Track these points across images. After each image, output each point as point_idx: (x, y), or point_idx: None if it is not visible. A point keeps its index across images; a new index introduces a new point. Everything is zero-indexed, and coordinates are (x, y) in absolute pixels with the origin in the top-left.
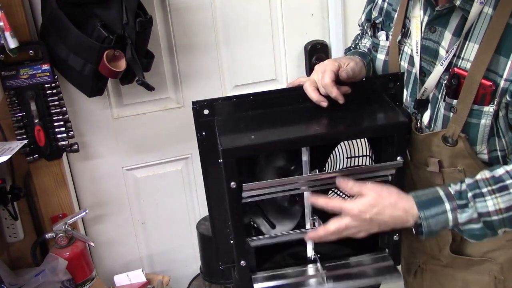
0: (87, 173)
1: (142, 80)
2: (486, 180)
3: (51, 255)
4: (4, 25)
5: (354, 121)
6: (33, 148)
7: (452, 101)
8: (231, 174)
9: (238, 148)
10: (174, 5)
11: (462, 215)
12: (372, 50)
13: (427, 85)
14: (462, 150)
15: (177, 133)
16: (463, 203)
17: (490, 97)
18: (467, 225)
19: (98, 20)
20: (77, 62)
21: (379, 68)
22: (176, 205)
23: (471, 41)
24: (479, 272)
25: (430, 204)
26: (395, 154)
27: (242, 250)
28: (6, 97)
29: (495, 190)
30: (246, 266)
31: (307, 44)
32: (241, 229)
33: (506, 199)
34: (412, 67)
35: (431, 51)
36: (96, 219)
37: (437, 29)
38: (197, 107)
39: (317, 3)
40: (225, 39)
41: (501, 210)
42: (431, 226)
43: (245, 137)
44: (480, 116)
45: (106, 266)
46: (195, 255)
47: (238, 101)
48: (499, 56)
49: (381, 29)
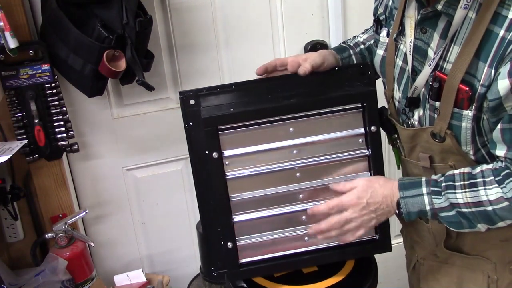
0: (87, 173)
1: (142, 80)
2: (462, 175)
3: (51, 255)
4: (4, 25)
5: (326, 92)
6: (33, 148)
7: (435, 103)
8: (212, 144)
9: (219, 117)
10: (174, 5)
11: (436, 201)
12: (373, 45)
13: (417, 84)
14: (451, 147)
15: (177, 133)
16: (437, 190)
17: (468, 102)
18: (442, 212)
19: (98, 20)
20: (77, 62)
21: (377, 63)
22: (176, 205)
23: (456, 45)
24: (473, 270)
25: (410, 187)
26: (369, 125)
27: (228, 229)
28: (6, 97)
29: (466, 185)
30: (233, 248)
31: (307, 44)
32: (226, 204)
33: (474, 195)
34: (406, 65)
35: (422, 51)
36: (96, 219)
37: (428, 30)
38: (183, 97)
39: (317, 3)
40: (225, 39)
41: (470, 204)
42: (408, 206)
43: (225, 110)
44: (461, 119)
45: (106, 266)
46: (195, 255)
47: (221, 90)
48: (478, 61)
49: (384, 26)
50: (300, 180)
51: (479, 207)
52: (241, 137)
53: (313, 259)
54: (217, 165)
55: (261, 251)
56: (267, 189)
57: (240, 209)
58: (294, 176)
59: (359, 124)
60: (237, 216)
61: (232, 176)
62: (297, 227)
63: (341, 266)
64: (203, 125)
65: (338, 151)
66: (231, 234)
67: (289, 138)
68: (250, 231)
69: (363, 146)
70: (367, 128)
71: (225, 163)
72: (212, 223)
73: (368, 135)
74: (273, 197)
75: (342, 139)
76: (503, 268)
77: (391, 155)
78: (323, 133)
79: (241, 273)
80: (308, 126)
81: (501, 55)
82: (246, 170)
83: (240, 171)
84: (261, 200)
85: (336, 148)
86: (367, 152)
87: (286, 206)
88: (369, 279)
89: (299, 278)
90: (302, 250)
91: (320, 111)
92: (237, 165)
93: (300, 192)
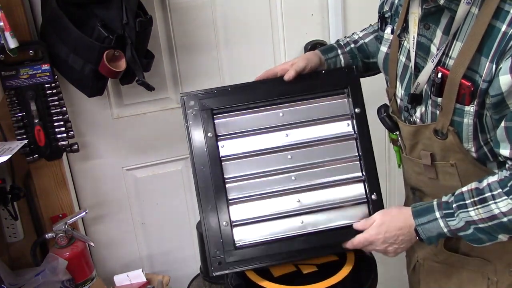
0: (87, 173)
1: (142, 80)
2: (470, 192)
3: (51, 255)
4: (4, 25)
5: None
6: (33, 148)
7: (437, 99)
8: (207, 125)
9: (214, 100)
10: (174, 5)
11: (451, 223)
12: (376, 42)
13: (420, 80)
14: (452, 144)
15: (177, 133)
16: (450, 212)
17: (469, 98)
18: (460, 232)
19: (98, 20)
20: (77, 62)
21: (381, 60)
22: (176, 205)
23: (458, 40)
24: (473, 271)
25: (423, 213)
26: (354, 107)
27: (223, 209)
28: (6, 97)
29: (477, 201)
30: (228, 227)
31: (307, 44)
32: (221, 184)
33: (486, 210)
34: (409, 62)
35: (424, 48)
36: (96, 219)
37: (431, 26)
38: (184, 98)
39: (317, 3)
40: (225, 39)
41: (485, 220)
42: (426, 232)
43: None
44: (463, 115)
45: (106, 266)
46: (195, 255)
47: (218, 91)
48: (480, 56)
49: (389, 23)
50: (292, 161)
51: (494, 220)
52: (235, 121)
53: (307, 240)
54: (212, 144)
55: (256, 233)
56: (261, 169)
57: (235, 191)
58: (286, 158)
59: (345, 109)
60: (232, 196)
61: (227, 156)
62: (291, 208)
63: (341, 266)
64: (198, 107)
65: (326, 134)
66: (226, 213)
67: (280, 122)
68: (245, 212)
69: (350, 129)
70: (352, 110)
71: (220, 146)
72: (209, 204)
73: (353, 117)
74: (267, 179)
75: (329, 121)
76: (503, 270)
77: (391, 153)
78: (311, 117)
79: (237, 253)
80: (297, 112)
81: (502, 50)
82: (240, 151)
83: (235, 152)
84: (256, 182)
85: (325, 131)
86: (354, 134)
87: (280, 188)
88: (369, 279)
89: (299, 278)
90: (296, 233)
91: (307, 96)
92: (231, 148)
93: (292, 173)
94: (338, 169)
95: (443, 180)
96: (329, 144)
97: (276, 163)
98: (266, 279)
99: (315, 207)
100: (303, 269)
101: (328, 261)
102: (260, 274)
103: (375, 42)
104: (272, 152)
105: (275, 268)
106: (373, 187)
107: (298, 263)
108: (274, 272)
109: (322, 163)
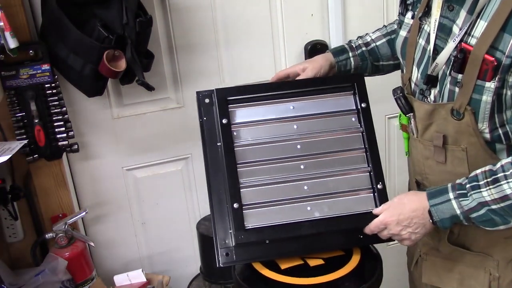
0: (87, 173)
1: (142, 80)
2: (484, 173)
3: (51, 255)
4: (4, 25)
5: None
6: (33, 148)
7: (457, 76)
8: (222, 112)
9: (228, 89)
10: (174, 5)
11: (464, 203)
12: (397, 27)
13: (438, 61)
14: (468, 125)
15: (177, 133)
16: (463, 193)
17: (492, 73)
18: (473, 213)
19: (98, 20)
20: (77, 62)
21: (399, 44)
22: (176, 205)
23: (482, 19)
24: (475, 266)
25: (437, 194)
26: (360, 102)
27: (235, 191)
28: (6, 97)
29: (490, 182)
30: (239, 208)
31: (307, 44)
32: (234, 169)
33: (498, 190)
34: (428, 45)
35: (446, 29)
36: (96, 219)
37: (455, 7)
38: (200, 96)
39: (317, 3)
40: (225, 39)
41: (497, 200)
42: (439, 213)
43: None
44: (482, 92)
45: (106, 266)
46: (195, 255)
47: (229, 89)
48: (504, 34)
49: (410, 10)
50: (301, 151)
51: (507, 201)
52: (248, 111)
53: (315, 225)
54: (226, 131)
55: (265, 217)
56: (271, 157)
57: (246, 176)
58: (295, 148)
59: (351, 104)
60: (244, 181)
61: (239, 143)
62: (299, 195)
63: (347, 260)
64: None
65: (333, 127)
66: (238, 195)
67: (290, 114)
68: (256, 197)
69: (356, 123)
70: (358, 105)
71: (234, 133)
72: (219, 188)
73: (359, 112)
74: (277, 167)
75: (337, 115)
76: (505, 265)
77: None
78: (320, 111)
79: (247, 235)
80: (307, 106)
81: None
82: (252, 139)
83: (247, 139)
84: (266, 169)
85: (332, 124)
86: (361, 128)
87: (289, 175)
88: (375, 273)
89: (306, 271)
90: (304, 219)
91: (316, 88)
92: (244, 135)
93: (301, 162)
94: (345, 160)
95: (451, 165)
96: (336, 136)
97: (286, 152)
98: (273, 271)
99: (322, 195)
100: (310, 262)
101: (334, 255)
102: (267, 266)
103: (386, 46)
104: (282, 141)
105: (282, 261)
106: (379, 177)
107: (305, 256)
108: (281, 265)
109: (330, 153)
